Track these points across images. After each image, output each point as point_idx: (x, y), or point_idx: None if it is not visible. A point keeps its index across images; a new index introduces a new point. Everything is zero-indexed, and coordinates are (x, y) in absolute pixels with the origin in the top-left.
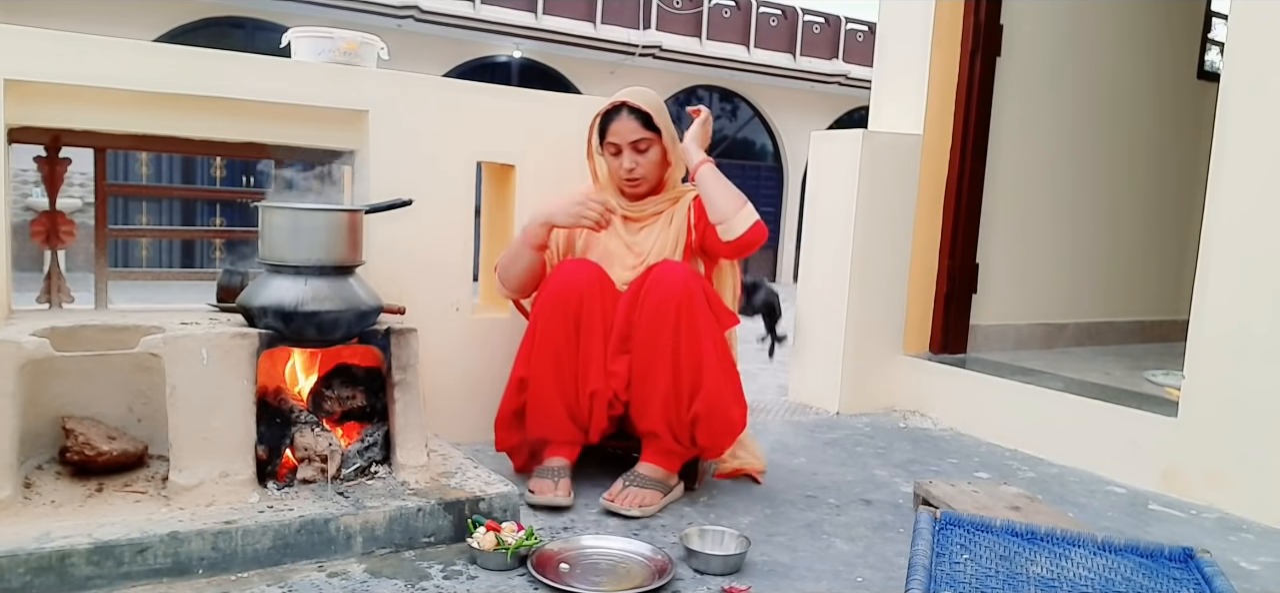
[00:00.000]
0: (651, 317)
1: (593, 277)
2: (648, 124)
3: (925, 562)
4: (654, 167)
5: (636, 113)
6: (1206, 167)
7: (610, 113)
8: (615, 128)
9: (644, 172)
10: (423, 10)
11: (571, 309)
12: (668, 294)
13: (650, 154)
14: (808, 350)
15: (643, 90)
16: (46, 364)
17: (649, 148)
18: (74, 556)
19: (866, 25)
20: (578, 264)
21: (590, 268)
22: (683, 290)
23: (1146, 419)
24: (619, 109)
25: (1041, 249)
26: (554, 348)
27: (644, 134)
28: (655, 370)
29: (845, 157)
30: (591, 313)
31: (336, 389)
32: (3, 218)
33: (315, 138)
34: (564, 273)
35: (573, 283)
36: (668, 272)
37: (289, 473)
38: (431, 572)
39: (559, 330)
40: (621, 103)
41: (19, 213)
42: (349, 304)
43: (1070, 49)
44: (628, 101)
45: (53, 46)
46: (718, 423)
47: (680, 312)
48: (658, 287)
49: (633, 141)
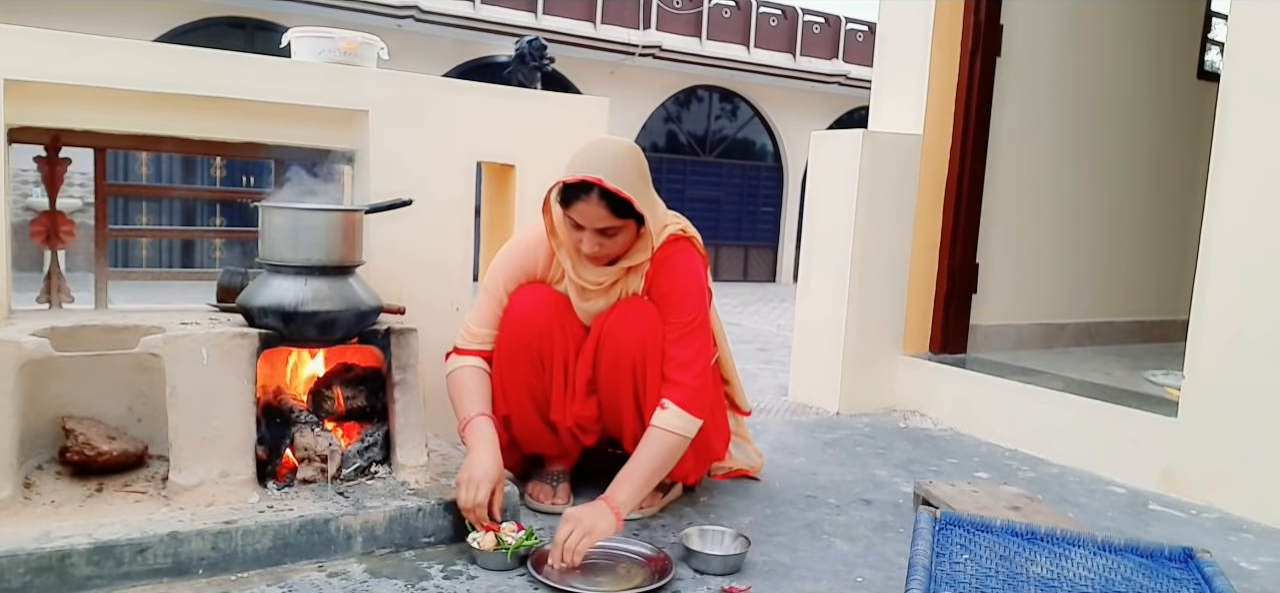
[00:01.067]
0: (610, 369)
1: (550, 309)
2: (621, 210)
3: (925, 562)
4: (621, 247)
5: (608, 196)
6: (1206, 167)
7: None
8: (581, 209)
9: (608, 252)
10: (423, 10)
11: (531, 346)
12: (622, 351)
13: (619, 238)
14: (808, 350)
15: (622, 157)
16: (46, 364)
17: (618, 233)
18: (74, 556)
19: (866, 25)
20: (535, 295)
21: (550, 299)
22: (638, 349)
23: (1146, 419)
24: (588, 188)
25: (1041, 249)
26: (526, 384)
27: (614, 222)
28: (622, 414)
29: (845, 157)
30: (551, 346)
31: (336, 389)
32: (3, 218)
33: (315, 138)
34: (520, 307)
35: (530, 318)
36: (626, 320)
37: (289, 473)
38: (431, 572)
39: (524, 367)
40: (594, 182)
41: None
42: (349, 304)
43: (1070, 49)
44: (603, 183)
45: (53, 46)
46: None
47: (635, 367)
48: (613, 341)
49: (599, 228)
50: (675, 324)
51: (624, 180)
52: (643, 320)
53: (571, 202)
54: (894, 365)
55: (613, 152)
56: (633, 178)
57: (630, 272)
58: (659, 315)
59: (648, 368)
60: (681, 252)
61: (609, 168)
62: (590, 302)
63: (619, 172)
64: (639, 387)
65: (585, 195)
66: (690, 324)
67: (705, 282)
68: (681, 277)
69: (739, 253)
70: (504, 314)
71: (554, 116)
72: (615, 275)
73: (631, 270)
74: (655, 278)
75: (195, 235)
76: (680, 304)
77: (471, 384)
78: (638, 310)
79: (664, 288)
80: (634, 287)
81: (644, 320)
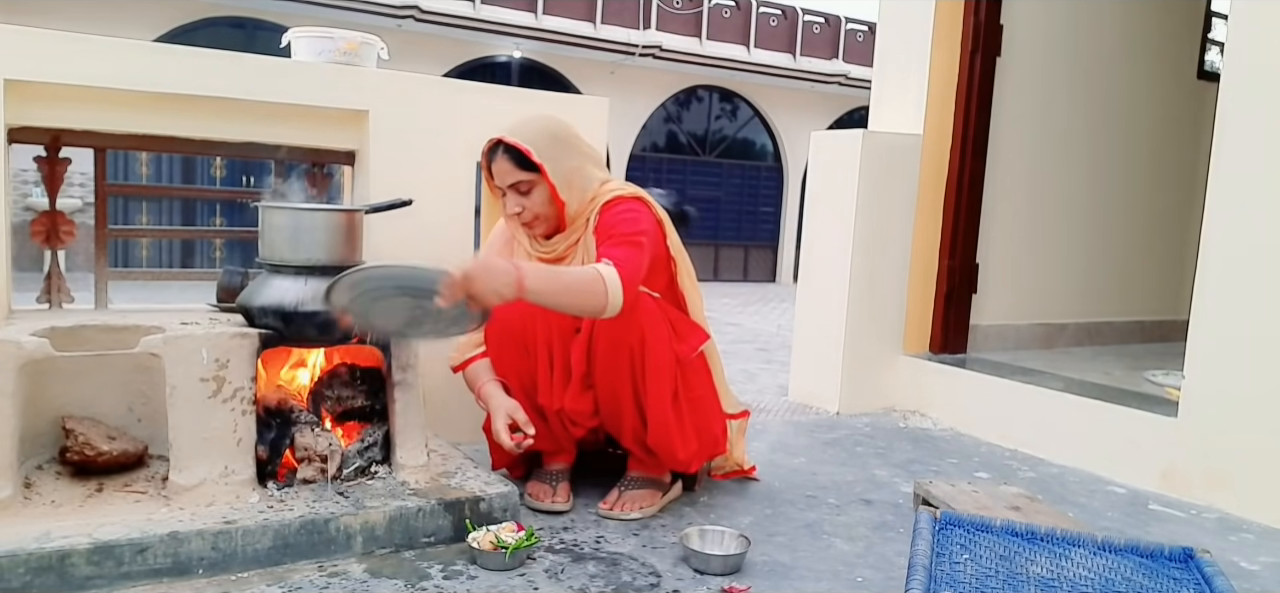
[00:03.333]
0: (605, 361)
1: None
2: (524, 164)
3: (925, 562)
4: (545, 204)
5: (511, 152)
6: (1206, 167)
7: (489, 152)
8: (494, 169)
9: (533, 212)
10: (423, 10)
11: (515, 332)
12: (619, 341)
13: (535, 195)
14: (808, 350)
15: (530, 120)
16: (46, 364)
17: (531, 189)
18: (74, 556)
19: (866, 25)
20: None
21: None
22: (637, 340)
23: (1146, 419)
24: (495, 148)
25: (1041, 249)
26: (514, 370)
27: (521, 176)
28: (620, 409)
29: (845, 156)
30: (534, 331)
31: (336, 389)
32: (3, 218)
33: (315, 138)
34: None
35: (512, 309)
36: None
37: (289, 473)
38: (431, 572)
39: (511, 353)
40: (496, 141)
41: (19, 213)
42: None
43: (1070, 49)
44: (503, 138)
45: (53, 46)
46: (666, 459)
47: (634, 359)
48: (607, 331)
49: (511, 183)
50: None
51: (524, 136)
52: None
53: (490, 167)
54: (894, 365)
55: (523, 118)
56: (539, 139)
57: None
58: (659, 308)
59: (647, 359)
60: (620, 202)
61: (512, 128)
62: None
63: (520, 130)
64: (638, 380)
65: (495, 156)
66: (626, 236)
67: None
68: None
69: (739, 253)
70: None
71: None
72: (569, 240)
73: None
74: (598, 229)
75: (195, 235)
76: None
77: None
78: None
79: (603, 227)
80: (590, 248)
81: (642, 312)
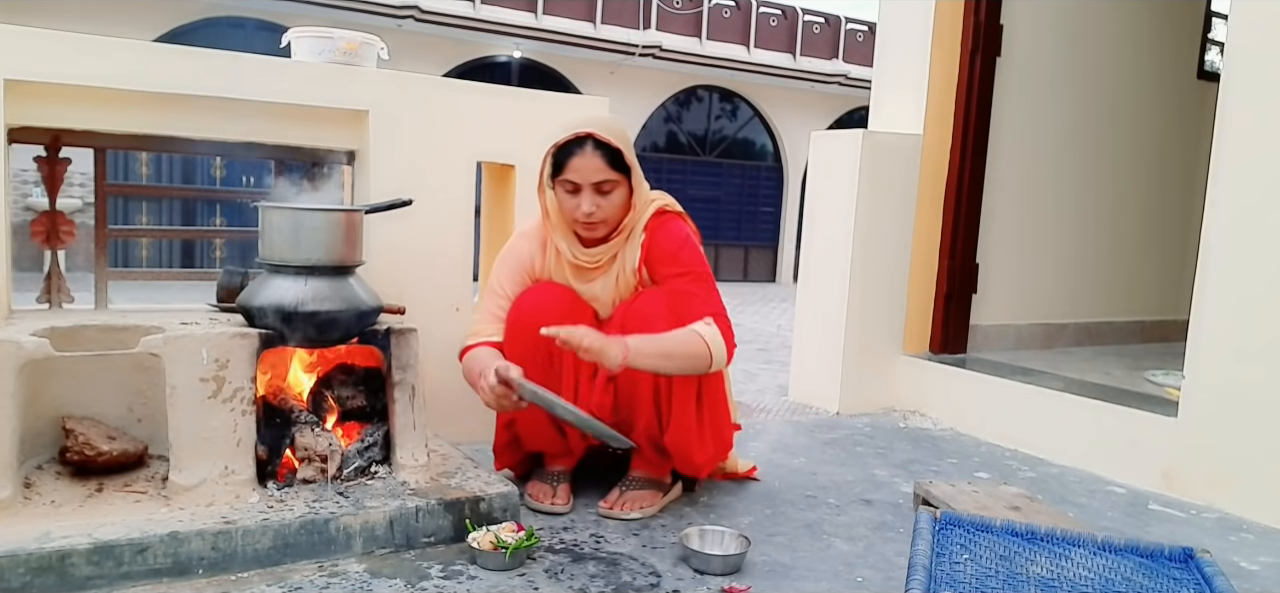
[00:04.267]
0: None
1: (564, 303)
2: (615, 162)
3: (925, 562)
4: (616, 210)
5: (603, 148)
6: (1206, 167)
7: (570, 144)
8: (576, 164)
9: (604, 215)
10: (423, 10)
11: (542, 340)
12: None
13: (614, 196)
14: (808, 350)
15: (611, 119)
16: (46, 364)
17: (613, 190)
18: (74, 556)
19: (866, 25)
20: (546, 291)
21: (561, 294)
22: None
23: (1146, 419)
24: (582, 142)
25: (1041, 249)
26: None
27: (610, 175)
28: (637, 407)
29: (845, 156)
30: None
31: (336, 389)
32: (3, 218)
33: (315, 138)
34: (532, 301)
35: (541, 311)
36: (650, 310)
37: (289, 473)
38: (431, 572)
39: (533, 359)
40: (587, 135)
41: (19, 213)
42: (349, 304)
43: (1070, 49)
44: (594, 133)
45: (53, 46)
46: (680, 460)
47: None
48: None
49: (596, 182)
50: (686, 275)
51: (613, 135)
52: (664, 307)
53: (566, 161)
54: (894, 365)
55: (600, 114)
56: (621, 135)
57: (627, 243)
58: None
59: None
60: (671, 222)
61: (600, 124)
62: (590, 284)
63: (609, 127)
64: (656, 379)
65: (580, 149)
66: (700, 275)
67: (698, 243)
68: (673, 237)
69: (739, 253)
70: (513, 308)
71: (554, 117)
72: (612, 250)
73: (628, 242)
74: (652, 245)
75: (195, 235)
76: (681, 255)
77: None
78: (658, 298)
79: (666, 248)
80: (631, 262)
81: (665, 307)
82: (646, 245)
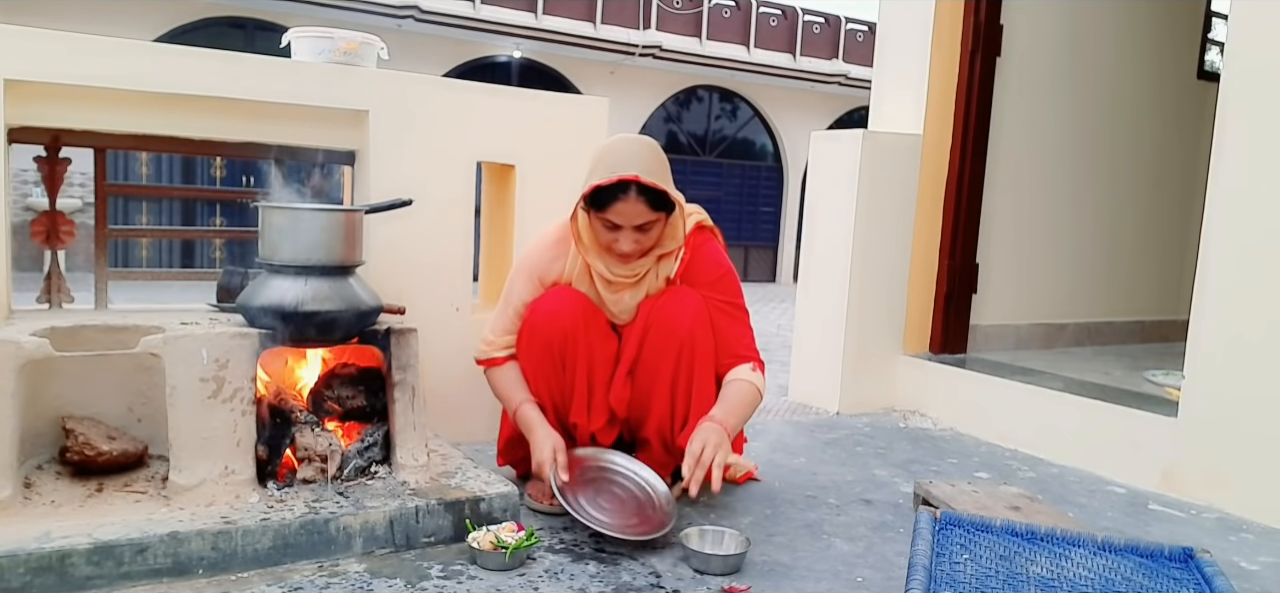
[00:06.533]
0: (656, 348)
1: (578, 310)
2: (658, 203)
3: (925, 562)
4: (655, 240)
5: (646, 192)
6: (1206, 167)
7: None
8: (619, 209)
9: (644, 248)
10: (423, 10)
11: (555, 348)
12: (672, 332)
13: (653, 231)
14: (808, 350)
15: (649, 154)
16: (46, 364)
17: (653, 226)
18: (74, 556)
19: (866, 25)
20: (560, 297)
21: (575, 301)
22: (687, 331)
23: (1146, 419)
24: (626, 187)
25: (1041, 249)
26: (546, 385)
27: (652, 216)
28: (654, 396)
29: (845, 156)
30: (575, 347)
31: (336, 389)
32: (3, 218)
33: (315, 138)
34: (546, 307)
35: (555, 318)
36: (676, 306)
37: (289, 473)
38: (431, 572)
39: (546, 368)
40: (632, 179)
41: (19, 213)
42: (349, 304)
43: (1070, 49)
44: (640, 180)
45: (53, 46)
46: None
47: (682, 350)
48: (663, 321)
49: (638, 224)
50: (726, 304)
51: (657, 175)
52: (692, 308)
53: (608, 203)
54: (894, 365)
55: (639, 149)
56: (662, 171)
57: (661, 260)
58: (706, 304)
59: (696, 353)
60: (710, 242)
61: (641, 165)
62: (619, 295)
63: (650, 168)
64: (677, 372)
65: (624, 195)
66: (739, 307)
67: (728, 261)
68: (716, 263)
69: (739, 253)
70: (527, 314)
71: (554, 116)
72: (646, 267)
73: (662, 258)
74: (691, 264)
75: (195, 235)
76: (722, 285)
77: (513, 377)
78: (687, 298)
79: (706, 274)
80: (665, 272)
81: (694, 307)
82: (687, 262)
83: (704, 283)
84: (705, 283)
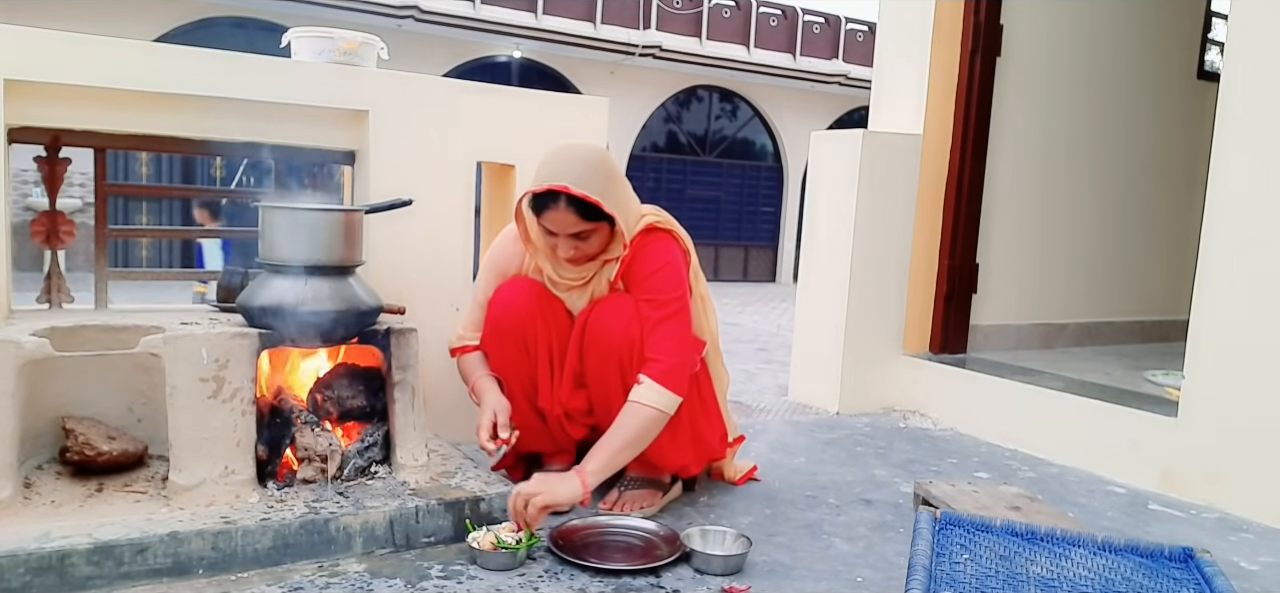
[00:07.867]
0: (597, 358)
1: (532, 297)
2: (591, 213)
3: (925, 562)
4: (596, 246)
5: (576, 202)
6: (1206, 167)
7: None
8: (551, 217)
9: (588, 254)
10: (423, 10)
11: (515, 334)
12: (607, 341)
13: (593, 239)
14: (808, 350)
15: (587, 161)
16: (46, 364)
17: (590, 234)
18: (74, 556)
19: (866, 25)
20: (517, 287)
21: (531, 289)
22: (622, 339)
23: (1146, 419)
24: (556, 197)
25: (1041, 249)
26: (514, 372)
27: (585, 226)
28: (612, 406)
29: (845, 157)
30: (535, 331)
31: (336, 389)
32: (3, 218)
33: (315, 138)
34: (502, 300)
35: (512, 307)
36: (610, 314)
37: (289, 473)
38: (431, 572)
39: (511, 358)
40: (561, 190)
41: (19, 213)
42: (349, 304)
43: (1070, 49)
44: (568, 189)
45: (53, 46)
46: (661, 466)
47: (622, 358)
48: (598, 330)
49: (572, 233)
50: (649, 302)
51: (590, 185)
52: (625, 313)
53: (542, 210)
54: (894, 365)
55: (578, 157)
56: (599, 181)
57: (606, 264)
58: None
59: (633, 359)
60: (656, 239)
61: (575, 174)
62: (568, 295)
63: (584, 177)
64: (626, 379)
65: (553, 204)
66: (665, 302)
67: (680, 266)
68: (653, 259)
69: (739, 253)
70: (490, 304)
71: (554, 117)
72: (592, 271)
73: (607, 263)
74: (630, 265)
75: (195, 235)
76: (651, 282)
77: (476, 359)
78: (620, 304)
79: (638, 274)
80: (607, 277)
81: (626, 313)
82: (626, 262)
83: (638, 279)
84: (638, 279)
